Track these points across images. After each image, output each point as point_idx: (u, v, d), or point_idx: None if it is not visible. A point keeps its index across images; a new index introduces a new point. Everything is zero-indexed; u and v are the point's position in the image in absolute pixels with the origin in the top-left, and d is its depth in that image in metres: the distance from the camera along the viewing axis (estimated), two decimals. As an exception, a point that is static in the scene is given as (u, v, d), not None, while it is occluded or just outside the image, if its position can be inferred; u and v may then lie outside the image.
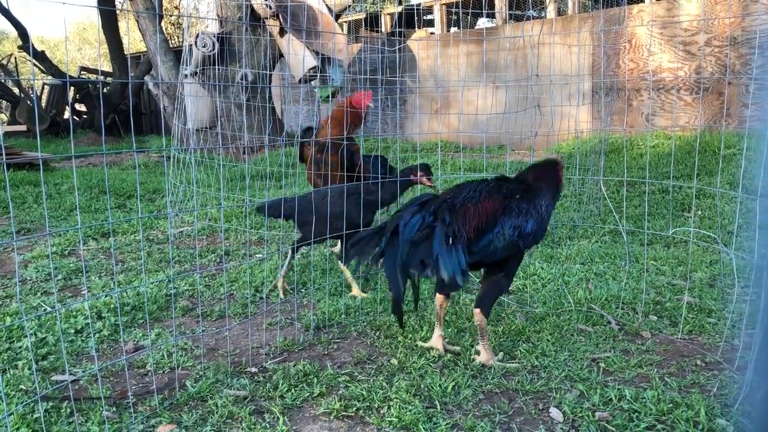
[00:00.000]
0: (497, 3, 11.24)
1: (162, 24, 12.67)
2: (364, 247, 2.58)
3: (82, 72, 19.52)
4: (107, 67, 15.09)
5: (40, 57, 15.52)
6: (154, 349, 2.81)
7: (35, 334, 2.98)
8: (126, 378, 2.56)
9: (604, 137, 5.61)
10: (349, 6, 10.68)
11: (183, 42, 8.88)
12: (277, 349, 2.84)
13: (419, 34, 12.06)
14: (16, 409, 2.23)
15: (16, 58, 19.99)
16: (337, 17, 9.91)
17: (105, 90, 15.50)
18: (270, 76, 10.03)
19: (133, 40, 22.77)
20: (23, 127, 16.48)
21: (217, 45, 8.50)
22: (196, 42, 8.42)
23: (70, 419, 2.23)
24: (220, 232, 5.13)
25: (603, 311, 3.14)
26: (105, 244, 4.84)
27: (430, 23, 14.50)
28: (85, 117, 17.49)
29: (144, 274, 3.95)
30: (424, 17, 14.30)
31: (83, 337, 2.99)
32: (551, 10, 11.04)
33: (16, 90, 17.20)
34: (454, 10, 12.04)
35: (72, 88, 16.46)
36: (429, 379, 2.46)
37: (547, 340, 2.83)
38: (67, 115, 17.35)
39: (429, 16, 14.15)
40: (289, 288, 3.62)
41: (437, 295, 2.73)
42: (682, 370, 2.52)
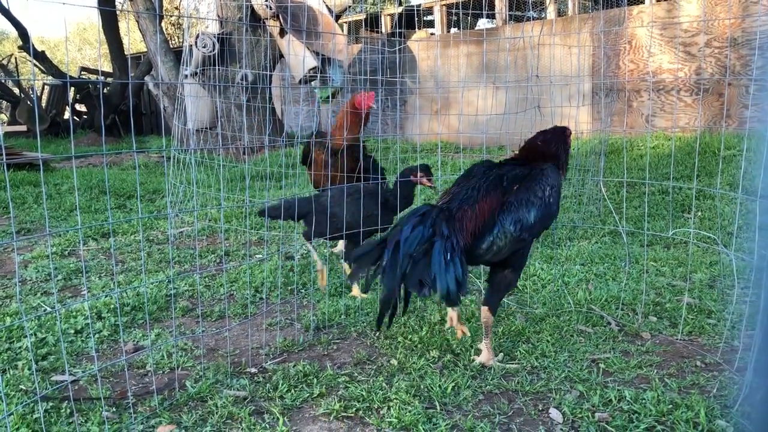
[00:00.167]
0: (497, 4, 11.25)
1: (162, 24, 12.68)
2: (367, 262, 2.49)
3: (83, 72, 19.54)
4: (107, 67, 15.09)
5: (41, 57, 15.53)
6: (153, 349, 2.81)
7: (35, 335, 2.98)
8: (126, 378, 2.56)
9: (604, 138, 5.61)
10: (349, 7, 10.69)
11: (183, 42, 8.89)
12: (276, 349, 2.84)
13: (419, 34, 12.07)
14: (16, 410, 2.23)
15: (16, 59, 20.00)
16: (337, 18, 9.92)
17: (105, 90, 15.50)
18: (270, 76, 10.03)
19: (133, 40, 22.78)
20: (23, 128, 16.49)
21: (217, 45, 8.51)
22: (196, 42, 8.42)
23: (69, 419, 2.23)
24: (220, 232, 5.13)
25: (603, 312, 3.14)
26: (105, 244, 4.84)
27: (431, 24, 14.51)
28: (85, 117, 17.50)
29: (144, 274, 3.95)
30: (425, 18, 14.31)
31: (83, 338, 3.00)
32: (551, 11, 11.05)
33: (17, 90, 17.21)
34: (454, 10, 12.05)
35: (72, 89, 16.46)
36: (429, 380, 2.46)
37: (547, 341, 2.83)
38: (67, 115, 17.36)
39: (429, 17, 14.16)
40: (323, 284, 3.55)
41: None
42: (682, 371, 2.52)
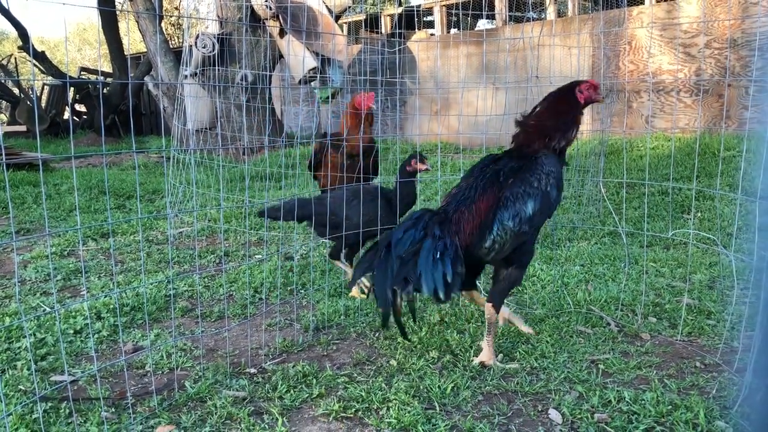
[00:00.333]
0: (497, 4, 11.26)
1: (162, 25, 12.68)
2: (364, 266, 2.53)
3: (82, 72, 19.53)
4: (107, 67, 15.09)
5: (40, 57, 15.53)
6: (153, 349, 2.81)
7: (34, 335, 2.98)
8: (125, 378, 2.56)
9: (603, 139, 5.61)
10: (349, 7, 10.68)
11: (183, 43, 8.89)
12: (276, 350, 2.84)
13: (419, 35, 12.07)
14: (15, 410, 2.22)
15: (16, 59, 19.99)
16: (337, 18, 9.92)
17: (105, 90, 15.50)
18: (270, 77, 10.03)
19: (133, 40, 22.78)
20: (23, 128, 16.49)
21: (217, 46, 8.51)
22: (196, 43, 8.42)
23: (68, 420, 2.23)
24: (220, 233, 5.13)
25: (602, 313, 3.14)
26: (104, 244, 4.83)
27: (430, 24, 14.51)
28: (84, 117, 17.50)
29: (143, 274, 3.95)
30: (424, 19, 14.31)
31: (82, 338, 2.99)
32: (551, 12, 11.05)
33: (16, 90, 17.20)
34: (454, 11, 12.05)
35: (72, 89, 16.46)
36: (428, 381, 2.46)
37: (547, 342, 2.83)
38: (66, 115, 17.36)
39: (429, 18, 14.16)
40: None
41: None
42: (682, 372, 2.52)
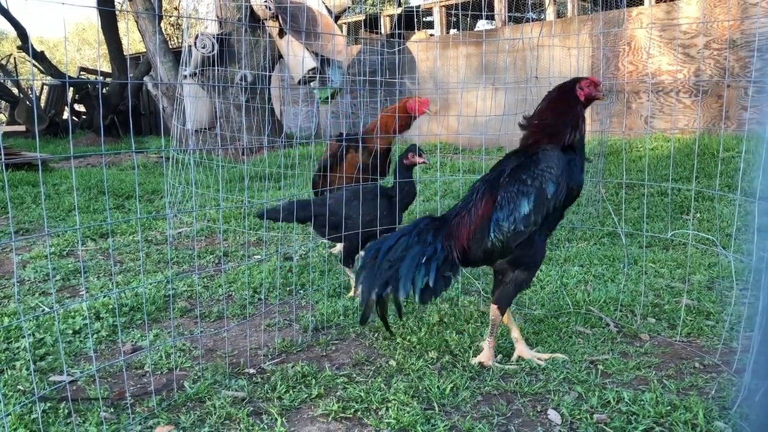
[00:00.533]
0: (497, 5, 11.26)
1: (161, 25, 12.68)
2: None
3: (82, 72, 19.52)
4: (106, 67, 15.10)
5: (40, 57, 15.52)
6: (152, 349, 2.81)
7: (33, 335, 2.97)
8: (124, 379, 2.56)
9: (603, 139, 5.61)
10: (348, 7, 10.68)
11: (182, 43, 8.88)
12: (275, 350, 2.84)
13: (419, 35, 12.07)
14: (14, 410, 2.22)
15: (15, 59, 19.98)
16: (336, 19, 9.92)
17: (104, 90, 15.49)
18: (269, 77, 10.03)
19: (132, 40, 22.78)
20: (22, 128, 16.48)
21: (216, 46, 8.51)
22: (195, 43, 8.42)
23: (67, 420, 2.23)
24: (219, 233, 5.13)
25: (601, 313, 3.14)
26: (103, 244, 4.83)
27: (430, 25, 14.51)
28: (84, 117, 17.49)
29: (142, 274, 3.95)
30: (424, 19, 14.31)
31: (81, 338, 2.99)
32: (550, 13, 11.06)
33: (15, 90, 17.20)
34: (453, 12, 12.06)
35: (71, 89, 16.46)
36: (427, 381, 2.46)
37: (546, 342, 2.83)
38: (66, 115, 17.34)
39: (428, 18, 14.16)
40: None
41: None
42: (681, 373, 2.52)
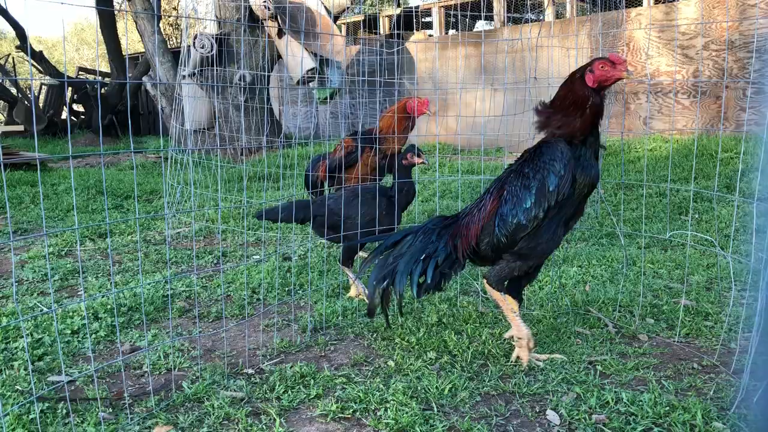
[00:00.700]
0: (495, 6, 11.27)
1: (160, 25, 12.67)
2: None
3: (80, 72, 19.51)
4: (105, 67, 15.09)
5: (38, 57, 15.50)
6: (150, 350, 2.80)
7: (31, 335, 2.97)
8: (122, 379, 2.55)
9: (602, 140, 5.61)
10: (347, 8, 10.69)
11: (181, 43, 8.88)
12: (274, 350, 2.84)
13: (417, 36, 12.07)
14: (12, 410, 2.22)
15: (13, 58, 19.96)
16: (335, 19, 9.92)
17: (103, 90, 15.48)
18: (268, 77, 10.03)
19: (131, 40, 22.77)
20: (20, 127, 16.46)
21: (215, 46, 8.50)
22: (194, 43, 8.41)
23: (66, 420, 2.23)
24: (218, 233, 5.13)
25: (600, 314, 3.14)
26: (102, 244, 4.83)
27: (429, 25, 14.52)
28: (82, 117, 17.48)
29: (141, 275, 3.95)
30: (423, 19, 14.32)
31: (80, 338, 2.99)
32: (549, 13, 11.06)
33: (14, 90, 17.18)
34: (452, 12, 12.06)
35: (70, 89, 16.44)
36: (426, 381, 2.46)
37: (544, 343, 2.83)
38: (64, 115, 17.33)
39: (427, 19, 14.17)
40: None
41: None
42: (679, 373, 2.52)
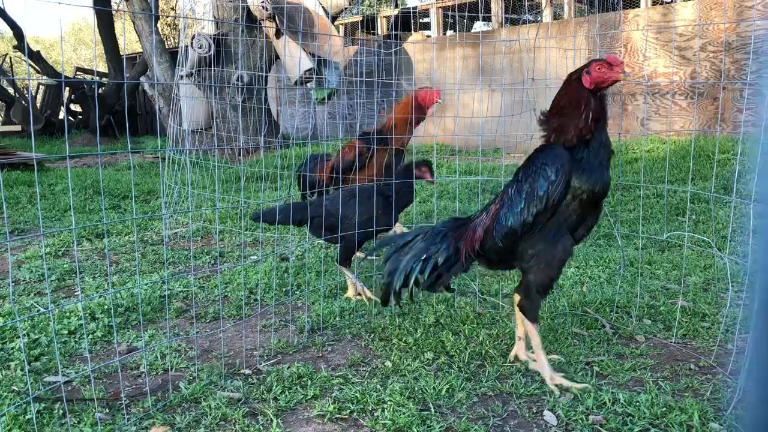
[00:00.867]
0: (493, 6, 11.28)
1: (158, 25, 12.65)
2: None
3: (78, 72, 19.48)
4: (103, 67, 15.07)
5: (36, 57, 15.47)
6: (147, 350, 2.80)
7: (28, 335, 2.96)
8: (119, 379, 2.55)
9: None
10: (345, 8, 10.68)
11: (179, 43, 8.88)
12: (271, 351, 2.83)
13: (415, 37, 12.08)
14: (8, 410, 2.21)
15: (11, 58, 19.93)
16: (333, 19, 9.92)
17: (100, 90, 15.46)
18: (266, 77, 10.03)
19: (129, 40, 22.73)
20: (18, 127, 16.43)
21: (213, 46, 8.49)
22: (192, 43, 8.41)
23: (62, 420, 2.22)
24: (215, 233, 5.12)
25: (597, 315, 3.14)
26: (99, 244, 4.82)
27: (426, 26, 14.52)
28: (80, 117, 17.45)
29: (138, 275, 3.94)
30: (421, 20, 14.32)
31: (76, 338, 2.98)
32: (547, 14, 11.07)
33: (11, 90, 17.15)
34: (450, 13, 12.06)
35: (67, 89, 16.41)
36: (423, 382, 2.46)
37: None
38: (62, 115, 17.30)
39: (425, 19, 14.17)
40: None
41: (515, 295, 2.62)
42: (676, 374, 2.53)
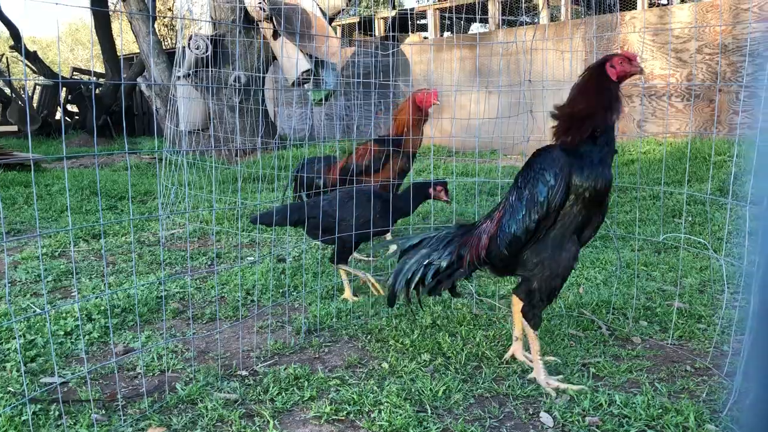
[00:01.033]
0: (490, 8, 11.29)
1: (155, 26, 12.65)
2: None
3: (75, 73, 19.44)
4: (100, 68, 15.04)
5: (32, 57, 15.44)
6: (144, 351, 2.79)
7: (24, 336, 2.96)
8: (116, 380, 2.55)
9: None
10: (342, 10, 10.69)
11: (176, 44, 8.87)
12: (267, 352, 2.83)
13: (413, 38, 12.09)
14: (4, 412, 2.21)
15: (7, 58, 19.88)
16: (330, 21, 9.93)
17: (97, 91, 15.43)
18: (263, 78, 10.03)
19: (126, 41, 22.69)
20: (14, 128, 16.39)
21: (210, 47, 8.49)
22: (189, 44, 8.40)
23: (58, 422, 2.22)
24: (212, 234, 5.12)
25: (594, 316, 3.15)
26: (96, 245, 4.81)
27: (424, 28, 14.53)
28: (77, 118, 17.41)
29: (135, 276, 3.93)
30: (418, 22, 14.33)
31: (73, 339, 2.98)
32: (544, 16, 11.09)
33: (8, 90, 17.10)
34: (447, 14, 12.07)
35: (64, 89, 16.38)
36: (420, 383, 2.46)
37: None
38: (58, 115, 17.26)
39: (422, 21, 14.18)
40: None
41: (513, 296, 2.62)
42: (672, 376, 2.53)
